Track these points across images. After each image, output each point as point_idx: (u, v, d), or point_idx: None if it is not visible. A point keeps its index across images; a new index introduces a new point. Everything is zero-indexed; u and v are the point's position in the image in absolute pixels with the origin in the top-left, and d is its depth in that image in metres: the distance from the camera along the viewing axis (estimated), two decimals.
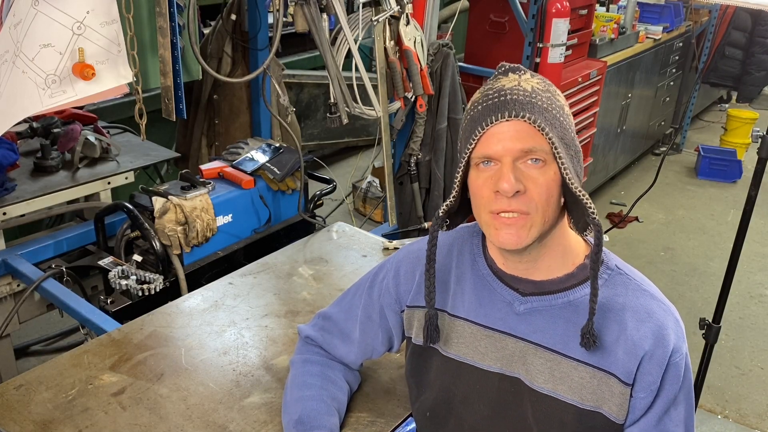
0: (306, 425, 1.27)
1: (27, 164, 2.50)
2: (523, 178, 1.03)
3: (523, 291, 1.15)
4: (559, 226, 1.12)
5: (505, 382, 1.17)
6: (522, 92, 1.05)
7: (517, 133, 1.03)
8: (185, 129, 3.19)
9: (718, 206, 5.04)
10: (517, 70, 1.09)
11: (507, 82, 1.07)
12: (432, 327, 1.20)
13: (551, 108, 1.05)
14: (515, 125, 1.03)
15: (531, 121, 1.02)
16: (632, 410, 1.10)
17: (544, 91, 1.07)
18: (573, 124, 1.10)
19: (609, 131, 4.68)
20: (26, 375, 1.49)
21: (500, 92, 1.06)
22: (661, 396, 1.10)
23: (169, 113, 2.07)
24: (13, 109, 1.65)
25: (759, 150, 2.05)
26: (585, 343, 1.08)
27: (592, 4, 3.92)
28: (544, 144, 1.03)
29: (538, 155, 1.03)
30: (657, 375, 1.08)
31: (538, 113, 1.03)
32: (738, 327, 3.56)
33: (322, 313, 1.44)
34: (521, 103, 1.03)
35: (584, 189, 1.06)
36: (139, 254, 2.15)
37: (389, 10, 2.42)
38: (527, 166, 1.04)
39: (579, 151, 1.10)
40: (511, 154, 1.03)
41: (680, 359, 1.09)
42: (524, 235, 1.06)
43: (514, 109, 1.03)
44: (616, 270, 1.14)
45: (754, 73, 5.70)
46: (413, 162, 2.97)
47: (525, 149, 1.03)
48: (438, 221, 1.14)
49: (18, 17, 1.61)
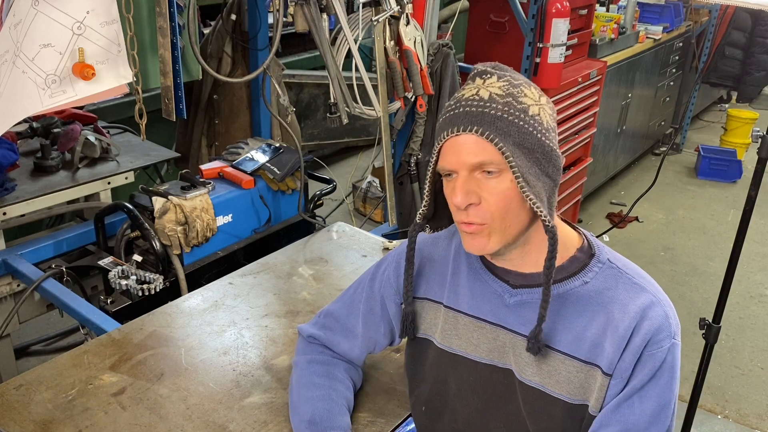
0: (319, 426, 1.28)
1: (27, 164, 2.50)
2: (479, 188, 1.06)
3: (514, 283, 1.16)
4: (539, 224, 1.12)
5: (497, 374, 1.18)
6: (476, 103, 1.05)
7: (469, 147, 1.05)
8: (185, 129, 3.19)
9: (718, 206, 5.04)
10: (484, 74, 1.09)
11: (467, 91, 1.09)
12: (408, 322, 1.26)
13: (507, 115, 1.04)
14: (467, 138, 1.05)
15: (479, 134, 1.03)
16: (606, 398, 1.10)
17: (504, 95, 1.06)
18: (544, 123, 1.07)
19: (609, 131, 4.68)
20: (26, 375, 1.49)
21: (458, 103, 1.08)
22: (629, 384, 1.08)
23: (169, 113, 2.07)
24: (13, 109, 1.65)
25: (759, 150, 2.04)
26: (530, 347, 1.10)
27: (592, 4, 3.91)
28: (495, 156, 1.04)
29: (491, 167, 1.05)
30: (630, 362, 1.07)
31: (488, 124, 1.03)
32: (738, 327, 3.56)
33: (324, 311, 1.45)
34: (472, 115, 1.04)
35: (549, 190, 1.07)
36: (139, 254, 2.15)
37: (389, 10, 2.42)
38: (483, 176, 1.06)
39: (550, 152, 1.07)
40: (464, 167, 1.06)
41: (658, 352, 1.07)
42: (485, 242, 1.09)
43: (463, 123, 1.05)
44: (607, 264, 1.14)
45: (754, 73, 5.70)
46: (413, 162, 2.97)
47: (475, 163, 1.05)
48: (416, 227, 1.19)
49: (18, 17, 1.61)
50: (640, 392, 1.08)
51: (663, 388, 1.08)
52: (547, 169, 1.07)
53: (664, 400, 1.09)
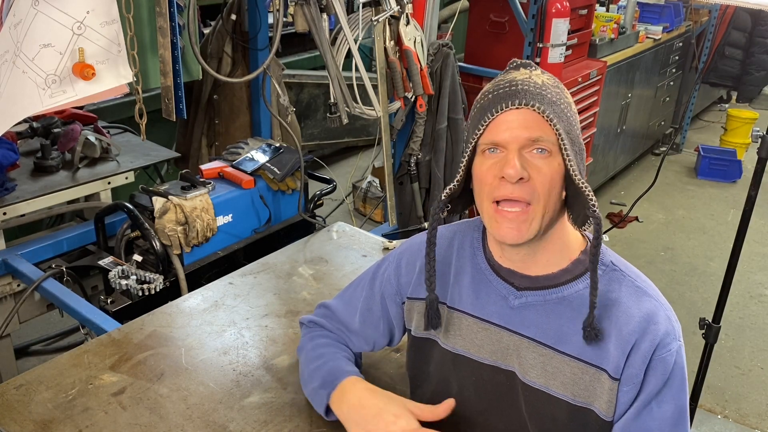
0: (330, 384, 1.28)
1: (27, 164, 2.50)
2: (528, 166, 1.05)
3: (519, 285, 1.16)
4: (559, 222, 1.13)
5: (500, 375, 1.18)
6: (533, 84, 1.07)
7: (525, 122, 1.05)
8: (185, 129, 3.19)
9: (718, 206, 5.04)
10: (529, 66, 1.12)
11: (518, 75, 1.10)
12: (432, 311, 1.21)
13: (560, 102, 1.07)
14: (524, 114, 1.05)
15: (540, 111, 1.04)
16: (618, 405, 1.10)
17: (554, 86, 1.09)
18: (578, 122, 1.12)
19: (609, 131, 4.68)
20: (26, 375, 1.49)
21: (511, 83, 1.08)
22: (644, 390, 1.08)
23: (169, 113, 2.07)
24: (13, 109, 1.65)
25: (759, 150, 2.05)
26: (587, 335, 1.08)
27: (592, 4, 3.91)
28: (551, 134, 1.05)
29: (544, 145, 1.05)
30: (640, 368, 1.07)
31: (547, 104, 1.05)
32: (738, 327, 3.56)
33: (324, 303, 1.47)
34: (531, 93, 1.05)
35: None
36: (139, 254, 2.15)
37: (389, 10, 2.42)
38: (533, 156, 1.05)
39: (583, 149, 1.11)
40: (517, 141, 1.05)
41: (667, 355, 1.07)
42: (525, 229, 1.07)
43: (524, 98, 1.05)
44: (610, 266, 1.14)
45: (753, 73, 5.70)
46: (413, 162, 2.98)
47: (532, 138, 1.04)
48: (440, 204, 1.14)
49: (18, 17, 1.61)
50: (657, 398, 1.08)
51: (677, 390, 1.09)
52: (580, 164, 1.09)
53: (681, 402, 1.10)
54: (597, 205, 1.05)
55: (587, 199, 1.05)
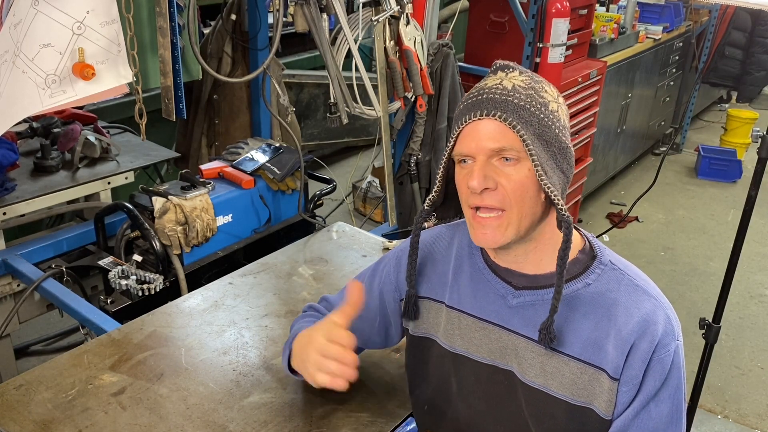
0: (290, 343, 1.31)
1: (27, 164, 2.50)
2: (496, 175, 1.07)
3: (516, 285, 1.16)
4: (548, 221, 1.13)
5: (498, 375, 1.18)
6: (500, 91, 1.07)
7: (489, 132, 1.06)
8: (185, 129, 3.19)
9: (718, 206, 5.04)
10: (506, 68, 1.12)
11: (489, 81, 1.11)
12: (410, 305, 1.26)
13: (530, 106, 1.06)
14: (488, 124, 1.06)
15: (502, 119, 1.05)
16: (617, 405, 1.10)
17: (527, 88, 1.08)
18: (561, 120, 1.10)
19: (609, 131, 4.68)
20: (26, 375, 1.49)
21: (480, 92, 1.10)
22: (642, 391, 1.09)
23: (169, 113, 2.07)
24: (13, 109, 1.65)
25: (759, 150, 2.04)
26: (542, 338, 1.10)
27: (592, 4, 3.92)
28: (516, 142, 1.05)
29: (510, 154, 1.06)
30: (639, 369, 1.08)
31: (511, 111, 1.05)
32: (738, 327, 3.56)
33: (325, 296, 1.49)
34: (495, 102, 1.06)
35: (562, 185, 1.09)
36: (139, 254, 2.15)
37: (389, 10, 2.42)
38: (502, 163, 1.07)
39: (565, 148, 1.10)
40: (483, 152, 1.07)
41: (666, 356, 1.08)
42: (500, 234, 1.09)
43: (486, 108, 1.06)
44: (609, 265, 1.14)
45: (754, 73, 5.70)
46: (413, 162, 2.97)
47: (496, 148, 1.06)
48: (423, 214, 1.19)
49: (18, 17, 1.61)
50: (656, 398, 1.09)
51: (675, 389, 1.10)
52: (562, 164, 1.09)
53: (677, 400, 1.10)
54: (565, 208, 1.06)
55: (554, 202, 1.06)
